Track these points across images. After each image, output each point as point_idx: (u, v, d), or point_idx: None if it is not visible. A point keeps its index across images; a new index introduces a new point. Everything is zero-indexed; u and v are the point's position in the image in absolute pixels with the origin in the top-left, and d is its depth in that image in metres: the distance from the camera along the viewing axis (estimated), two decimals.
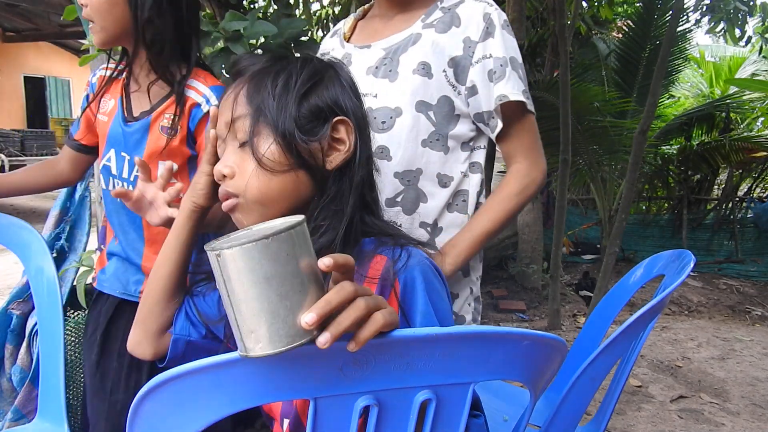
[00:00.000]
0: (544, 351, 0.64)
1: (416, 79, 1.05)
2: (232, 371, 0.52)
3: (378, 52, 1.10)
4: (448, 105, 1.06)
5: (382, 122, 1.07)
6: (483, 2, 1.07)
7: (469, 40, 1.05)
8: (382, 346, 0.54)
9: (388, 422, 0.58)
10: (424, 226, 1.08)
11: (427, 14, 1.09)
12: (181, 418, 0.54)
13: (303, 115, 0.77)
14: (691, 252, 1.23)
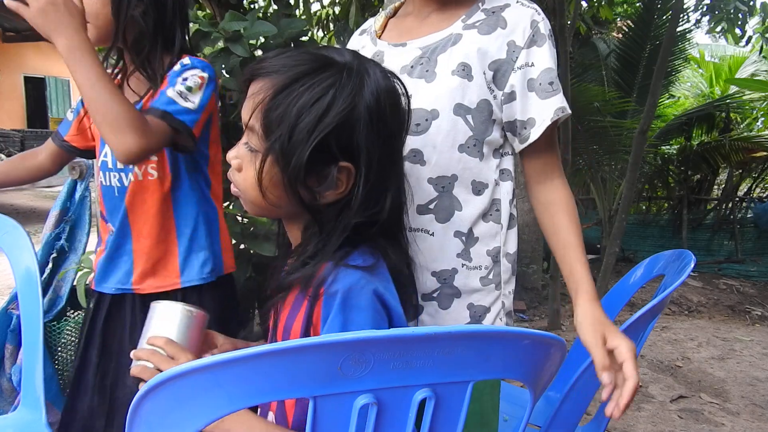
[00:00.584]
0: (543, 350, 0.64)
1: (455, 80, 1.00)
2: (231, 370, 0.52)
3: (414, 51, 1.04)
4: (487, 109, 1.02)
5: (417, 124, 1.01)
6: (531, 8, 1.02)
7: (513, 44, 1.00)
8: (380, 344, 0.54)
9: (387, 421, 0.58)
10: (458, 235, 1.04)
11: (468, 15, 1.04)
12: (181, 417, 0.54)
13: (314, 160, 0.76)
14: (691, 252, 1.23)
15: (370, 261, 0.77)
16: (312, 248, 0.79)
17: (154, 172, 1.36)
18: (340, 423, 0.56)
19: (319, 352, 0.52)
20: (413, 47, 1.05)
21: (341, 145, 0.76)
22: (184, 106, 1.27)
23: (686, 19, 5.70)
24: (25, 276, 1.51)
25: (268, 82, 0.77)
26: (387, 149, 0.80)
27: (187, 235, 1.40)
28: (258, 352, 0.52)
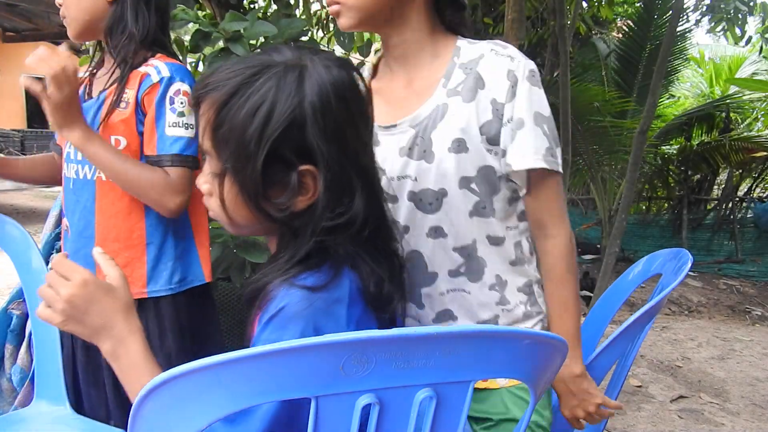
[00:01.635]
0: (544, 350, 0.64)
1: (453, 158, 0.99)
2: (233, 370, 0.53)
3: (407, 131, 1.02)
4: (489, 171, 1.01)
5: (429, 204, 1.03)
6: (505, 56, 0.99)
7: (496, 101, 0.98)
8: (382, 344, 0.54)
9: (389, 420, 0.58)
10: (492, 287, 1.06)
11: (447, 75, 1.01)
12: (183, 417, 0.54)
13: (272, 170, 0.73)
14: (690, 252, 1.23)
15: (322, 280, 0.73)
16: (281, 260, 0.77)
17: None
18: (341, 423, 0.56)
19: (322, 351, 0.52)
20: (405, 126, 1.02)
21: (295, 149, 0.73)
22: (187, 136, 1.31)
23: (686, 19, 5.70)
24: (33, 274, 1.51)
25: (210, 100, 0.75)
26: (343, 143, 0.76)
27: (156, 244, 1.39)
28: (260, 352, 0.52)
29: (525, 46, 5.19)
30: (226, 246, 2.06)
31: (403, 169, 1.03)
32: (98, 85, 1.39)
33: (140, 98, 1.32)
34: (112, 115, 1.31)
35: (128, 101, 1.32)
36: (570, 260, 1.04)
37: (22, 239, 1.55)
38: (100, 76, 1.41)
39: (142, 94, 1.32)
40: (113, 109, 1.31)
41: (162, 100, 1.30)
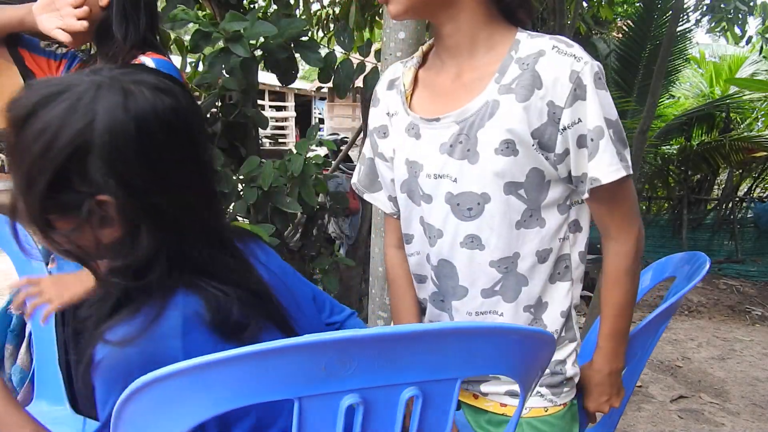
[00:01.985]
0: (532, 345, 0.63)
1: (500, 160, 0.90)
2: (215, 372, 0.52)
3: (450, 126, 0.94)
4: (538, 176, 0.93)
5: (469, 209, 0.94)
6: (569, 56, 0.88)
7: (553, 104, 0.88)
8: (364, 343, 0.53)
9: (375, 420, 0.57)
10: (527, 309, 1.00)
11: (501, 70, 0.91)
12: (166, 419, 0.54)
13: (60, 199, 0.68)
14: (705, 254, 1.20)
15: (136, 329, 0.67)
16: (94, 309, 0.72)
17: None
18: (326, 424, 0.55)
19: (303, 352, 0.52)
20: (449, 122, 0.94)
21: (85, 177, 0.67)
22: None
23: (686, 19, 5.69)
24: (34, 274, 1.52)
25: (9, 120, 0.71)
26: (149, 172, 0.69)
27: None
28: (242, 353, 0.51)
29: None
30: None
31: (442, 167, 0.95)
32: None
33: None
34: None
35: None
36: (629, 263, 0.98)
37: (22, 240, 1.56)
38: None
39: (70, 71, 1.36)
40: None
41: None
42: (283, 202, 2.18)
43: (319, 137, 2.67)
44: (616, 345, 1.02)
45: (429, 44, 1.04)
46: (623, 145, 0.91)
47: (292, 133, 19.07)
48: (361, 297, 3.90)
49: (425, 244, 1.03)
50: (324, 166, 2.41)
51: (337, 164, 4.11)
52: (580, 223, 1.01)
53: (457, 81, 0.96)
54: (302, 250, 2.66)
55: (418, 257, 1.07)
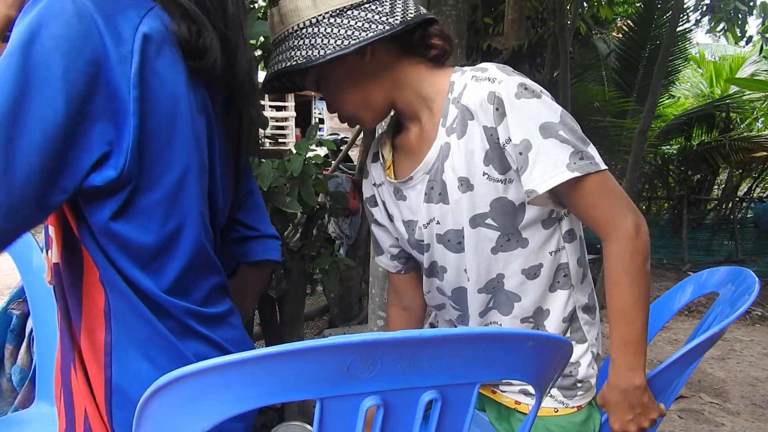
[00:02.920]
0: (548, 351, 0.64)
1: (462, 197, 0.97)
2: (239, 371, 0.52)
3: (423, 178, 1.02)
4: (504, 204, 0.96)
5: (458, 243, 1.01)
6: (484, 80, 0.93)
7: (486, 128, 0.93)
8: (388, 346, 0.54)
9: (394, 422, 0.58)
10: (525, 320, 1.03)
11: (444, 114, 0.98)
12: (189, 417, 0.54)
13: None
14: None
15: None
16: None
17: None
18: (346, 424, 0.56)
19: (327, 353, 0.52)
20: (420, 175, 1.03)
21: None
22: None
23: (686, 19, 5.70)
24: (34, 273, 1.52)
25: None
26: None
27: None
28: (265, 353, 0.52)
29: (525, 46, 5.19)
30: None
31: (428, 214, 1.03)
32: None
33: None
34: None
35: None
36: (627, 261, 0.93)
37: (23, 239, 1.55)
38: None
39: None
40: None
41: None
42: (283, 202, 2.18)
43: (319, 137, 2.67)
44: (629, 357, 0.94)
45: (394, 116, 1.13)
46: (580, 143, 0.90)
47: (292, 133, 19.09)
48: (361, 297, 3.91)
49: (432, 283, 1.11)
50: (324, 166, 2.41)
51: (337, 164, 4.11)
52: (574, 231, 1.04)
53: (419, 138, 1.03)
54: (302, 250, 2.65)
55: (432, 294, 1.14)
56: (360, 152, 3.65)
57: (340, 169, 4.49)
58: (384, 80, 0.99)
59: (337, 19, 0.91)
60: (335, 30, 0.90)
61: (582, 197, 0.92)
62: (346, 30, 0.90)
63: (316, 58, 0.89)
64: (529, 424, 0.70)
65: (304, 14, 0.92)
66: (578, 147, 0.90)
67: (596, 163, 0.90)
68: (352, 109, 1.01)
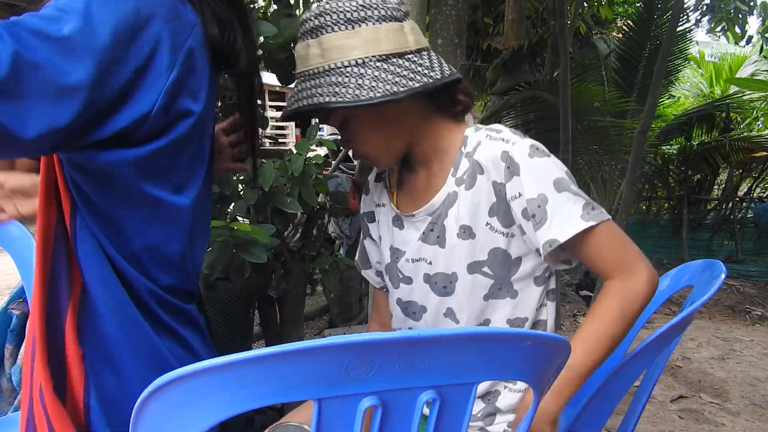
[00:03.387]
0: (546, 351, 0.64)
1: (462, 243, 1.03)
2: (237, 372, 0.52)
3: (425, 219, 1.09)
4: (501, 254, 1.02)
5: (444, 287, 1.07)
6: (498, 140, 1.00)
7: (496, 183, 1.00)
8: (386, 346, 0.54)
9: (392, 423, 0.58)
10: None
11: (455, 165, 1.05)
12: (186, 418, 0.54)
13: None
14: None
15: None
16: None
17: None
18: (344, 425, 0.56)
19: (325, 354, 0.52)
20: (422, 215, 1.09)
21: None
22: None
23: (686, 19, 5.70)
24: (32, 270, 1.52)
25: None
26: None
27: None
28: (263, 354, 0.52)
29: (525, 46, 5.19)
30: (225, 246, 2.05)
31: (418, 252, 1.09)
32: None
33: None
34: None
35: None
36: (629, 299, 0.96)
37: (23, 239, 1.56)
38: None
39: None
40: None
41: None
42: (283, 203, 2.17)
43: (319, 137, 2.67)
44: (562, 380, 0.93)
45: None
46: (583, 197, 0.97)
47: (292, 133, 19.08)
48: (361, 297, 3.91)
49: (405, 322, 1.16)
50: (324, 166, 2.41)
51: (337, 164, 4.11)
52: (556, 291, 1.10)
53: (426, 182, 1.10)
54: (302, 250, 2.65)
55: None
56: None
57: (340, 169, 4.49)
58: (409, 128, 1.05)
59: (383, 64, 0.94)
60: (382, 74, 0.93)
61: (596, 243, 0.97)
62: (393, 76, 0.94)
63: (366, 99, 0.91)
64: (526, 425, 0.70)
65: (350, 54, 0.94)
66: (587, 199, 0.97)
67: (604, 213, 0.97)
68: (372, 150, 1.05)
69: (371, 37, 0.94)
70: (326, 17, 0.94)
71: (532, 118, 5.14)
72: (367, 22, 0.94)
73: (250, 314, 2.58)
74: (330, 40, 0.93)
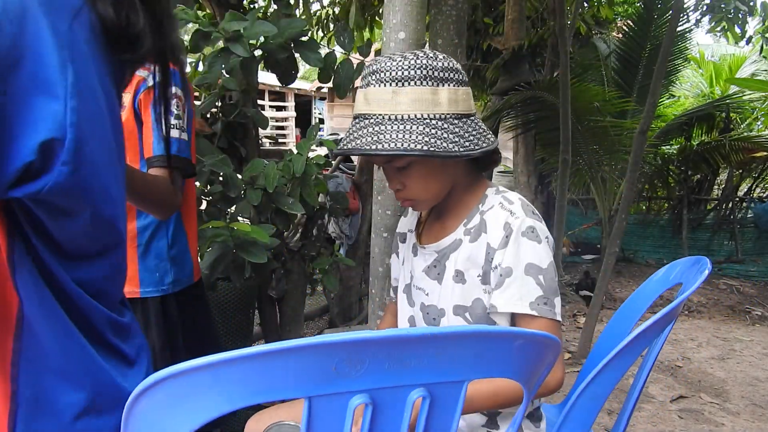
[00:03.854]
0: (537, 349, 0.64)
1: (454, 286, 1.13)
2: (227, 370, 0.53)
3: (431, 254, 1.20)
4: (480, 306, 1.12)
5: (433, 318, 1.18)
6: (507, 211, 1.10)
7: (489, 246, 1.09)
8: (375, 344, 0.54)
9: (382, 421, 0.58)
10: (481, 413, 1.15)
11: (469, 217, 1.16)
12: (177, 416, 0.54)
13: None
14: (689, 252, 1.21)
15: None
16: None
17: None
18: (334, 423, 0.56)
19: (315, 352, 0.52)
20: (431, 250, 1.20)
21: None
22: (183, 139, 1.35)
23: (686, 19, 5.70)
24: None
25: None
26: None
27: (146, 245, 1.40)
28: (254, 352, 0.52)
29: (525, 46, 5.19)
30: (225, 246, 2.06)
31: (421, 281, 1.21)
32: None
33: (137, 102, 1.34)
34: None
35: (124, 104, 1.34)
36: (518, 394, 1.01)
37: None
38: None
39: (138, 97, 1.34)
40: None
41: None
42: (285, 203, 2.18)
43: (320, 137, 2.67)
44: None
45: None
46: (551, 293, 1.05)
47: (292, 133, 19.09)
48: (361, 297, 3.91)
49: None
50: (324, 166, 2.42)
51: (337, 164, 4.11)
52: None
53: (443, 223, 1.22)
54: (302, 250, 2.66)
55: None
56: None
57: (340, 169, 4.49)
58: (453, 179, 1.15)
59: (460, 122, 1.05)
60: (460, 131, 1.04)
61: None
62: (469, 134, 1.05)
63: (455, 152, 1.01)
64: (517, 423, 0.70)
65: (436, 109, 1.03)
66: (547, 294, 1.05)
67: (554, 313, 1.05)
68: (424, 195, 1.13)
69: (452, 98, 1.05)
70: (417, 71, 1.02)
71: (532, 118, 5.14)
72: (449, 84, 1.05)
73: (250, 314, 2.58)
74: (416, 93, 1.02)
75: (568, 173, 3.87)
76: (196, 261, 1.52)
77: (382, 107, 1.03)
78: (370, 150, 1.00)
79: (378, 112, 1.03)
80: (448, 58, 1.07)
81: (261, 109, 2.69)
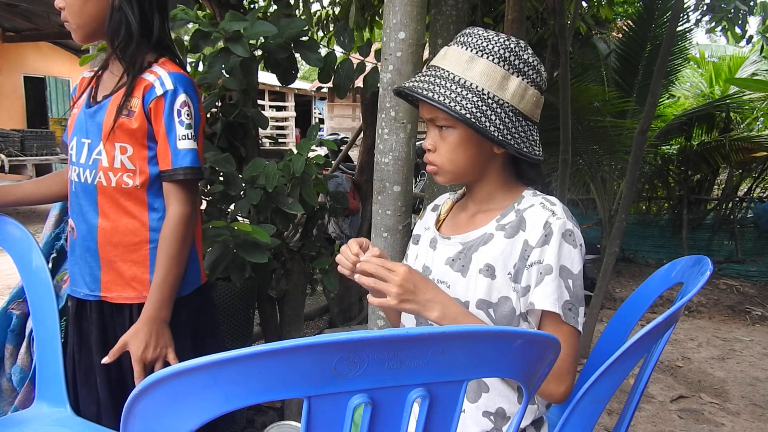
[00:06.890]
0: (537, 349, 0.64)
1: (481, 279, 1.11)
2: (226, 370, 0.53)
3: (456, 246, 1.18)
4: (507, 305, 1.10)
5: None
6: (549, 210, 1.10)
7: (527, 243, 1.08)
8: (375, 344, 0.54)
9: (382, 420, 0.58)
10: (486, 415, 1.12)
11: (503, 215, 1.15)
12: (177, 416, 0.54)
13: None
14: (690, 252, 1.21)
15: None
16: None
17: (129, 181, 1.37)
18: (334, 423, 0.56)
19: (314, 352, 0.52)
20: (456, 242, 1.18)
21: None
22: (195, 148, 1.36)
23: (686, 19, 5.69)
24: (34, 273, 1.52)
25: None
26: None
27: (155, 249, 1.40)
28: (253, 352, 0.52)
29: None
30: (226, 246, 2.06)
31: (443, 274, 1.17)
32: (102, 89, 1.41)
33: (147, 108, 1.35)
34: (118, 122, 1.33)
35: (134, 109, 1.34)
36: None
37: (23, 239, 1.56)
38: (105, 79, 1.42)
39: (148, 105, 1.34)
40: (119, 116, 1.33)
41: (170, 115, 1.34)
42: (285, 203, 2.18)
43: (320, 137, 2.67)
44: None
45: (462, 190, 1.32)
46: (577, 302, 1.06)
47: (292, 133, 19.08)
48: (361, 297, 3.91)
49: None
50: (324, 166, 2.42)
51: (337, 164, 4.11)
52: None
53: (471, 217, 1.21)
54: (302, 250, 2.66)
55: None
56: (360, 152, 3.65)
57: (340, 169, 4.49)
58: (485, 170, 1.16)
59: (515, 118, 1.07)
60: (510, 124, 1.06)
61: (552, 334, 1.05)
62: (517, 133, 1.07)
63: (491, 133, 1.03)
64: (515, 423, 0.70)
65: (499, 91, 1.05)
66: (573, 301, 1.06)
67: (577, 321, 1.07)
68: (446, 164, 1.12)
69: (520, 91, 1.07)
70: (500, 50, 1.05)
71: None
72: (523, 77, 1.07)
73: (250, 314, 2.58)
74: (490, 68, 1.04)
75: (568, 173, 3.86)
76: (201, 264, 1.52)
77: (454, 66, 1.06)
78: (420, 94, 1.03)
79: (449, 69, 1.06)
80: (538, 60, 1.09)
81: (261, 109, 2.69)
